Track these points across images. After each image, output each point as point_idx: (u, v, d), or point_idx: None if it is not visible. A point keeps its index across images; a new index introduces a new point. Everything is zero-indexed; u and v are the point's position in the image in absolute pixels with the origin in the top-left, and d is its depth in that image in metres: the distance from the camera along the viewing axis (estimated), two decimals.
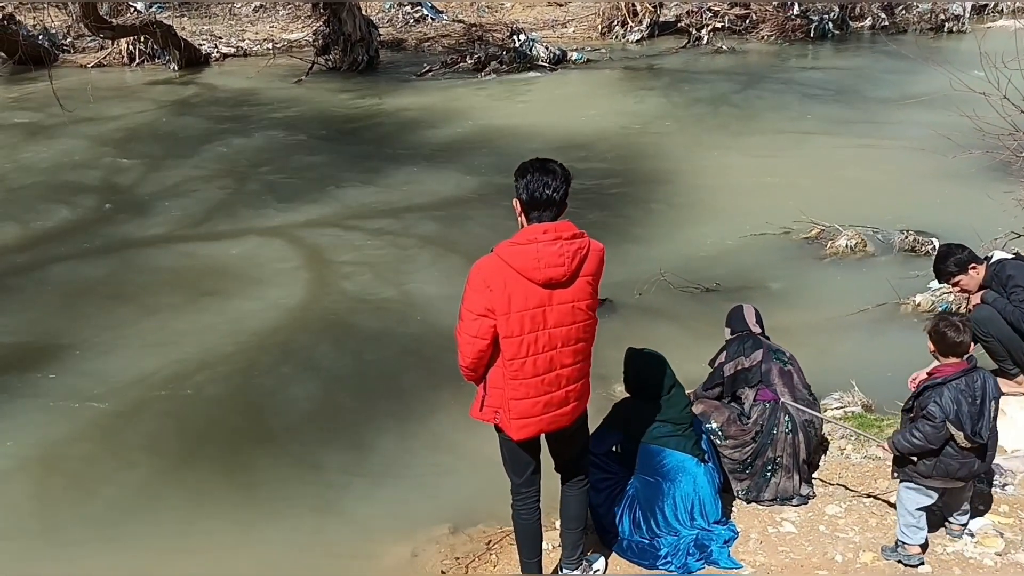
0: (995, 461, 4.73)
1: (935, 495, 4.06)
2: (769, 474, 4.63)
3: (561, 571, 4.11)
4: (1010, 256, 5.43)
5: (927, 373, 4.12)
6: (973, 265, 5.28)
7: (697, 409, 4.70)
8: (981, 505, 4.49)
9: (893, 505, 4.48)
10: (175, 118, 14.19)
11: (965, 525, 4.28)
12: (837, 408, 5.62)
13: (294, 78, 16.78)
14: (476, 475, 5.39)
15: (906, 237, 8.25)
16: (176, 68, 17.74)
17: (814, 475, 4.87)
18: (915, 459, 3.99)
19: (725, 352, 4.89)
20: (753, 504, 4.69)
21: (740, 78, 15.99)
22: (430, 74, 16.96)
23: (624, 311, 7.33)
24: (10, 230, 9.40)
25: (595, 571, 4.21)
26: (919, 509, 4.05)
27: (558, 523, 4.50)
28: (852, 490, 4.73)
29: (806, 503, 4.67)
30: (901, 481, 4.09)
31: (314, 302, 7.64)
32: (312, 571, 4.74)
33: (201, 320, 7.27)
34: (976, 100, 6.56)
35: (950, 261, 5.29)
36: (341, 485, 5.37)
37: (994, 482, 4.63)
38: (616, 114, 13.46)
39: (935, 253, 5.08)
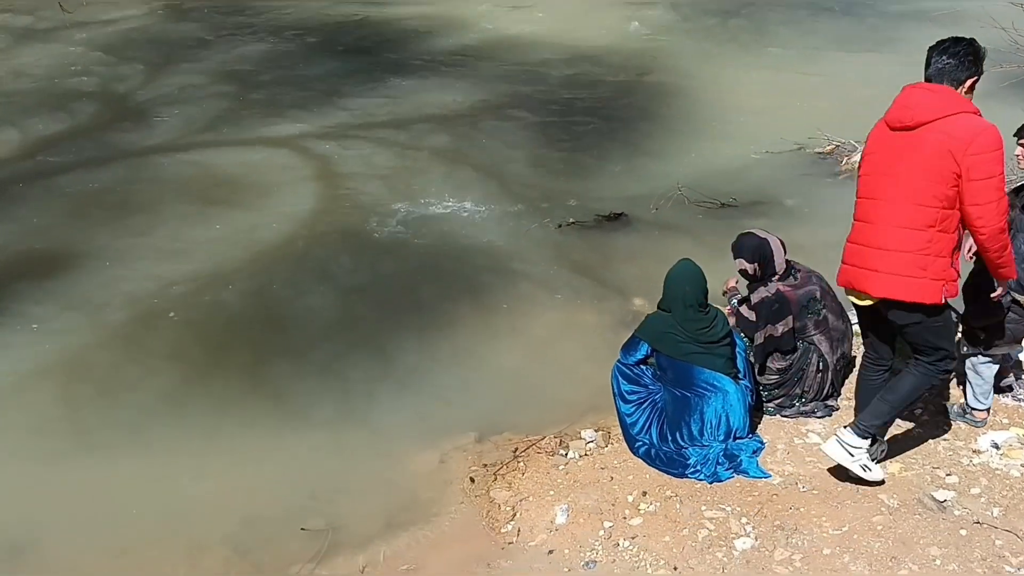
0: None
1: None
2: (794, 404, 4.70)
3: (843, 427, 4.03)
4: None
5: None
6: None
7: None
8: (1005, 418, 4.56)
9: (916, 416, 4.58)
10: (170, 24, 13.80)
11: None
12: (855, 324, 5.64)
13: None
14: (498, 386, 5.44)
15: None
16: None
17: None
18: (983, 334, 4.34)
19: (756, 313, 4.67)
20: (777, 416, 4.74)
21: None
22: None
23: (641, 225, 7.31)
24: (11, 136, 9.20)
25: (866, 463, 3.98)
26: (990, 377, 4.45)
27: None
28: None
29: (830, 415, 4.73)
30: (972, 355, 4.43)
31: (327, 213, 7.57)
32: (340, 477, 4.77)
33: (214, 230, 7.20)
34: (997, 15, 6.43)
35: None
36: (364, 394, 5.39)
37: (1018, 396, 4.69)
38: (625, 25, 13.17)
39: None
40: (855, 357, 5.17)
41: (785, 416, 4.73)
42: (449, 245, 6.96)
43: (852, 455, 3.95)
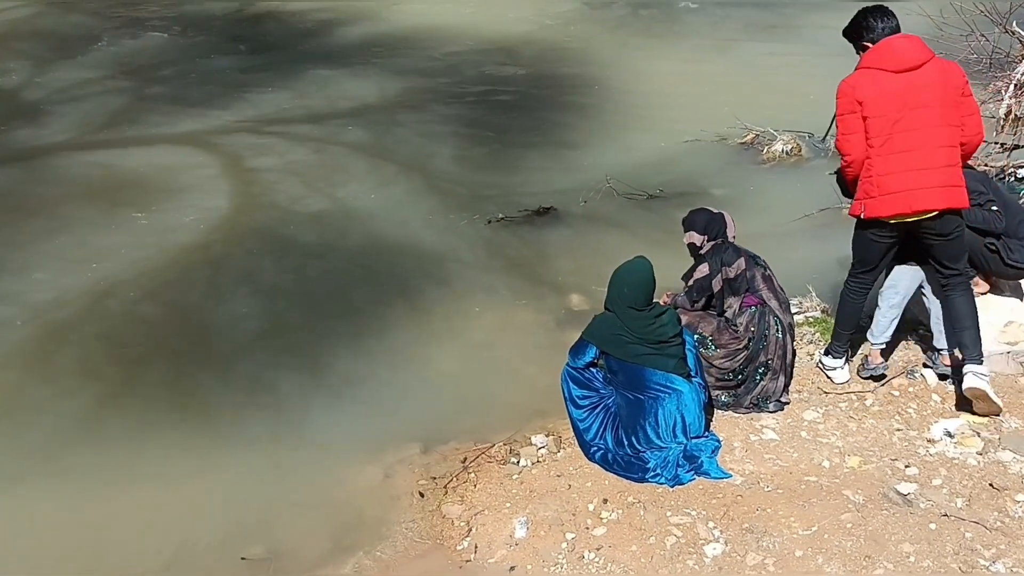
0: None
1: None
2: (759, 377, 4.61)
3: (965, 365, 4.38)
4: None
5: None
6: None
7: (682, 321, 4.57)
8: (953, 405, 4.57)
9: (870, 409, 4.55)
10: (58, 16, 13.03)
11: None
12: (797, 314, 5.62)
13: None
14: (440, 392, 5.21)
15: None
16: None
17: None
18: None
19: (706, 264, 4.71)
20: (730, 413, 4.66)
21: None
22: None
23: (571, 219, 7.16)
24: None
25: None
26: (891, 306, 4.65)
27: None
28: (827, 394, 4.75)
29: (782, 409, 4.66)
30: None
31: (244, 214, 7.18)
32: (278, 498, 4.47)
33: (123, 234, 6.74)
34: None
35: None
36: (298, 407, 5.09)
37: (936, 367, 4.75)
38: (537, 15, 13.02)
39: None
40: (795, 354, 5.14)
41: (739, 412, 4.64)
42: (377, 245, 6.68)
43: (987, 377, 4.41)
